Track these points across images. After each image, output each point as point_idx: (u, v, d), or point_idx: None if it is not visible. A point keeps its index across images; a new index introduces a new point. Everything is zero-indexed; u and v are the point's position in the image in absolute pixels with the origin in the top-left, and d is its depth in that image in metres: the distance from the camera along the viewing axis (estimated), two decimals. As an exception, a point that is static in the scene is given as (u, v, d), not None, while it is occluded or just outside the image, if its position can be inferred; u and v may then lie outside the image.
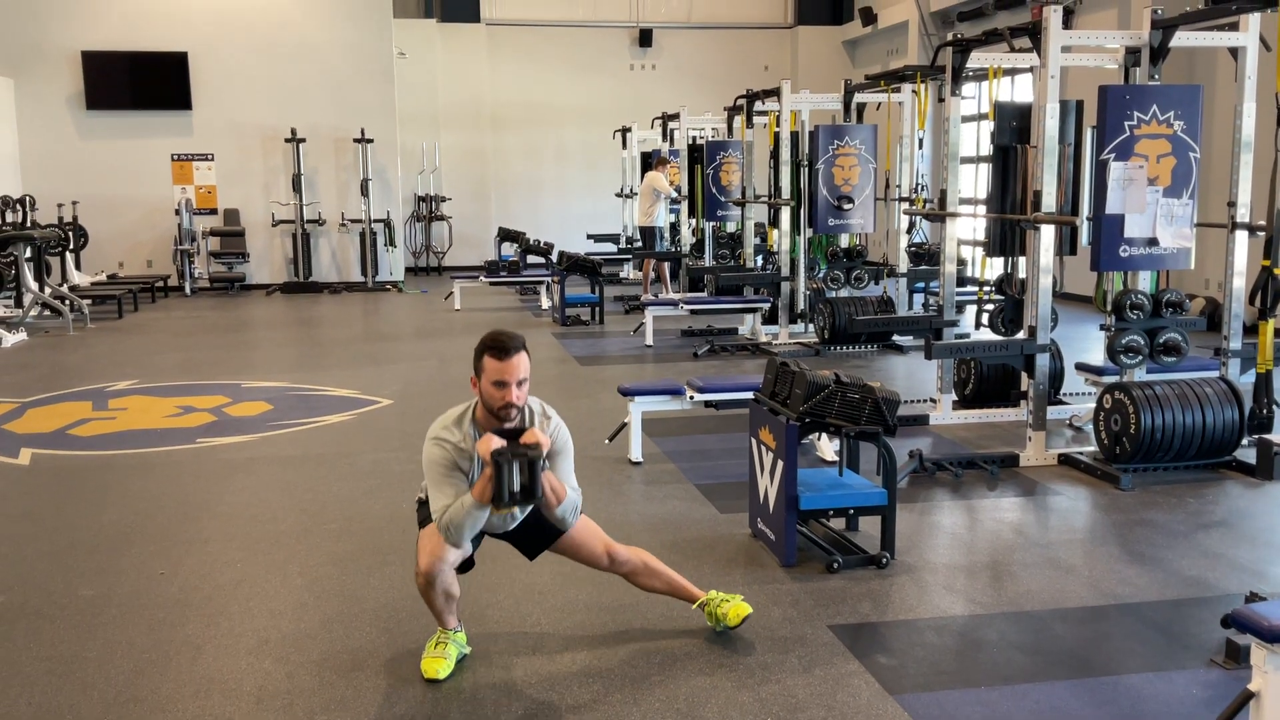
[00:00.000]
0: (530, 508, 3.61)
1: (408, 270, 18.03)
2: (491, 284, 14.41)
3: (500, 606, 4.15)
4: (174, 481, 6.07)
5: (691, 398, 6.09)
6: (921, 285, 11.25)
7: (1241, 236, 6.01)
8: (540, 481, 3.34)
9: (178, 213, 15.74)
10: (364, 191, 16.39)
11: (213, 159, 16.30)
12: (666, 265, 14.25)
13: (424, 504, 3.66)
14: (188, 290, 15.93)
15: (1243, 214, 5.97)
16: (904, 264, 10.30)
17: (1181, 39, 6.02)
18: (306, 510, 5.44)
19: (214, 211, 16.39)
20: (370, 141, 16.39)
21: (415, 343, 11.39)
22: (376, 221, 16.56)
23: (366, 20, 16.43)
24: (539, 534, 3.75)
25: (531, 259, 14.87)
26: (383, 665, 3.66)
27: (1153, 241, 5.83)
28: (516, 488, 3.29)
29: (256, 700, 3.44)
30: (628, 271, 16.87)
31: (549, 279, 13.60)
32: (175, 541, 5.00)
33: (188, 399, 8.23)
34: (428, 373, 9.39)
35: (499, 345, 3.38)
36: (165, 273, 16.04)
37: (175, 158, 16.21)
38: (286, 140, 16.17)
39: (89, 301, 12.95)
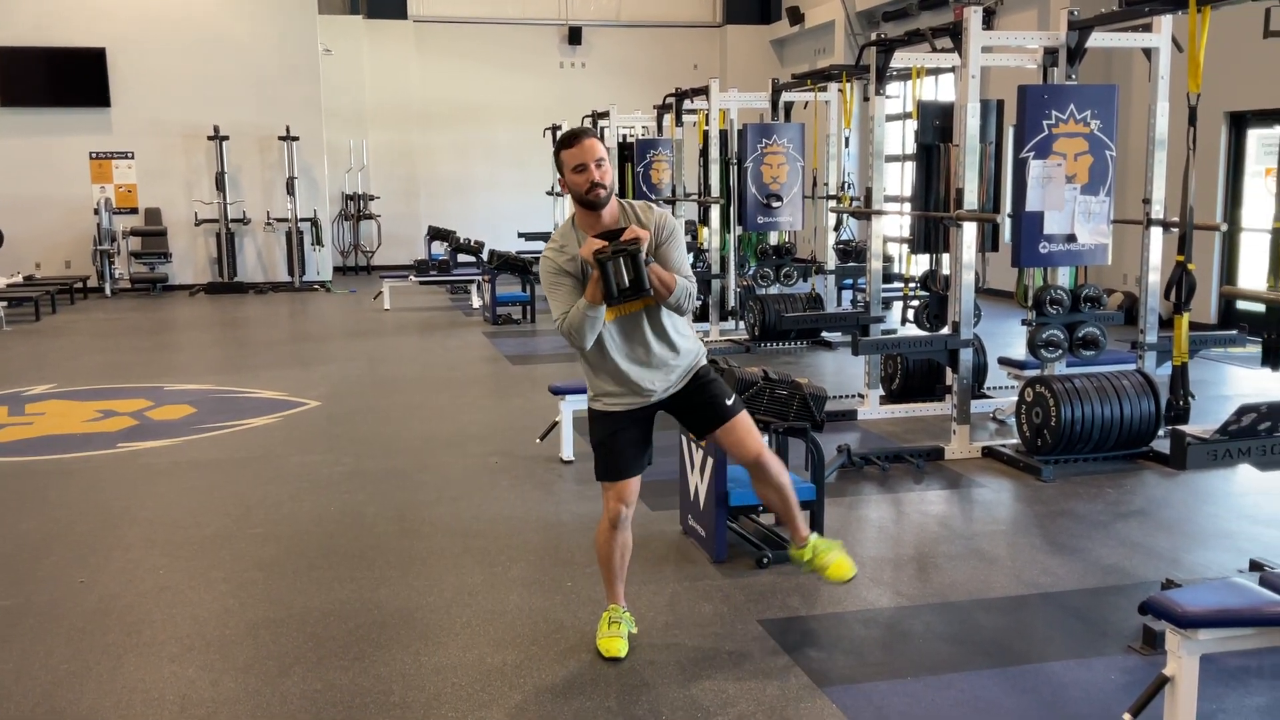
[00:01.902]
0: (687, 370, 3.72)
1: (336, 270, 17.80)
2: (421, 283, 14.28)
3: (431, 609, 4.12)
4: (94, 488, 5.92)
5: (622, 396, 6.09)
6: (849, 282, 11.38)
7: (1156, 233, 6.17)
8: (645, 274, 3.40)
9: (97, 212, 15.37)
10: (290, 190, 16.14)
11: (133, 157, 15.94)
12: None
13: (596, 446, 3.73)
14: (108, 291, 15.57)
15: (1157, 210, 6.12)
16: (832, 261, 10.41)
17: (1097, 40, 6.16)
18: (231, 515, 5.35)
19: (135, 211, 16.04)
20: (296, 139, 16.14)
21: (344, 343, 11.25)
22: (303, 220, 16.33)
23: (290, 16, 16.18)
24: (707, 414, 3.77)
25: (462, 258, 14.76)
26: (310, 670, 3.61)
27: (1071, 238, 5.96)
28: (626, 283, 3.38)
29: (180, 709, 3.37)
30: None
31: (480, 278, 13.51)
32: (95, 549, 4.88)
33: (108, 403, 8.05)
34: (357, 373, 9.28)
35: (567, 135, 3.54)
36: (84, 274, 15.65)
37: (94, 156, 15.83)
38: (209, 138, 15.87)
39: (4, 304, 12.58)
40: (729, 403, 3.75)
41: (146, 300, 15.20)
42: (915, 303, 7.76)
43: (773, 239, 10.71)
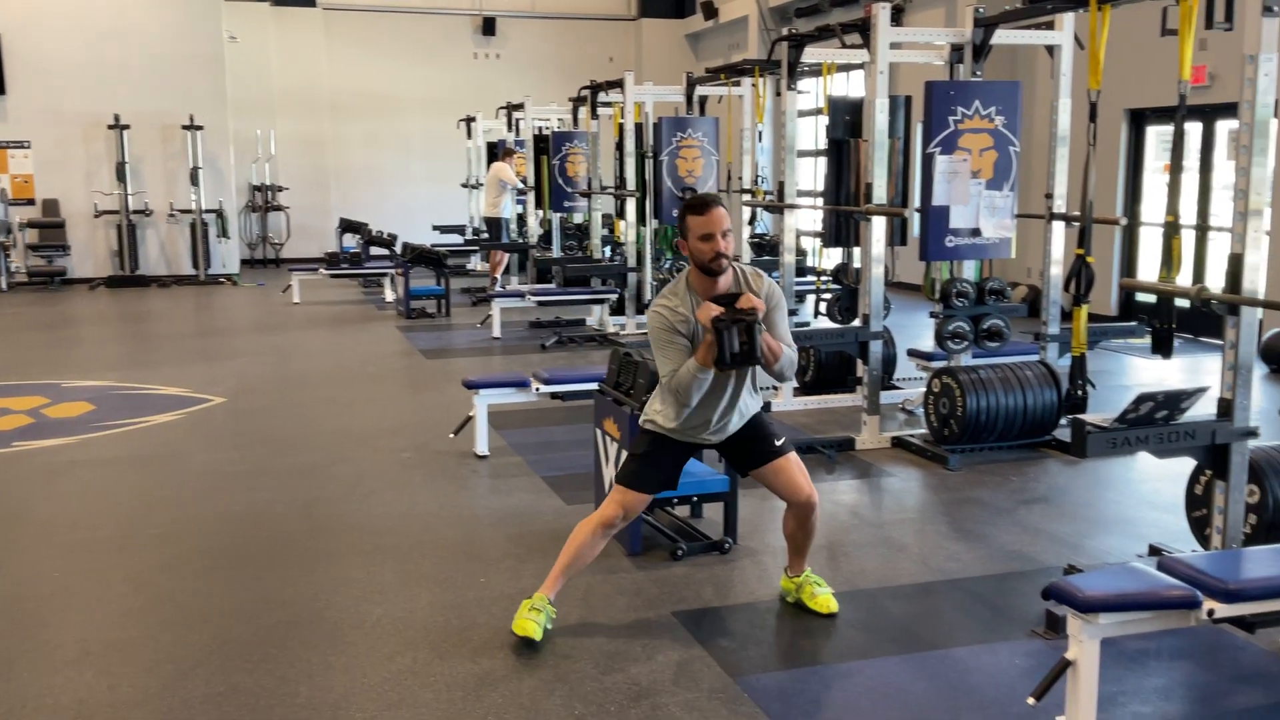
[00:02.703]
0: (747, 419, 3.86)
1: (243, 262, 17.39)
2: (333, 276, 14.04)
3: (340, 607, 4.04)
4: (-14, 488, 5.71)
5: (537, 390, 6.05)
6: (764, 275, 11.45)
7: (1058, 226, 6.32)
8: (759, 343, 3.52)
9: (-10, 203, 14.83)
10: (194, 180, 15.73)
11: (29, 146, 15.38)
12: (507, 256, 14.16)
13: (637, 455, 3.86)
14: (4, 285, 15.01)
15: (1059, 205, 6.27)
16: (747, 255, 10.46)
17: (1001, 37, 6.28)
18: (131, 515, 5.20)
19: (31, 202, 15.47)
20: (200, 129, 15.73)
21: (251, 337, 11.01)
22: (208, 212, 15.93)
23: (194, 1, 15.76)
24: (756, 451, 3.87)
25: (375, 250, 14.54)
26: (214, 673, 3.51)
27: (976, 232, 6.07)
28: (738, 350, 3.51)
29: (75, 715, 3.26)
30: (474, 263, 16.69)
31: (393, 271, 13.32)
32: (-13, 552, 4.71)
33: (1, 400, 7.76)
34: (264, 368, 9.08)
35: (698, 202, 3.62)
36: (-23, 267, 15.09)
37: (-13, 145, 15.28)
38: (109, 127, 15.38)
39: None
40: (778, 443, 3.86)
41: (45, 294, 14.70)
42: (827, 296, 7.85)
43: (687, 232, 10.73)
